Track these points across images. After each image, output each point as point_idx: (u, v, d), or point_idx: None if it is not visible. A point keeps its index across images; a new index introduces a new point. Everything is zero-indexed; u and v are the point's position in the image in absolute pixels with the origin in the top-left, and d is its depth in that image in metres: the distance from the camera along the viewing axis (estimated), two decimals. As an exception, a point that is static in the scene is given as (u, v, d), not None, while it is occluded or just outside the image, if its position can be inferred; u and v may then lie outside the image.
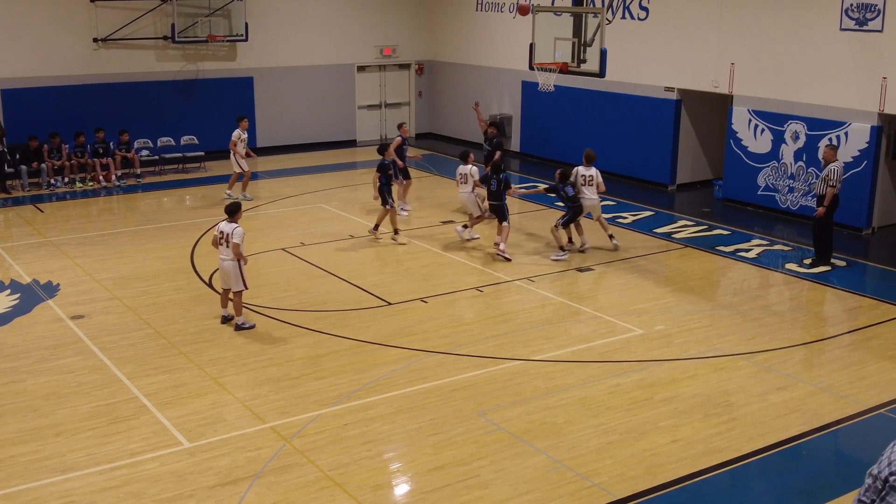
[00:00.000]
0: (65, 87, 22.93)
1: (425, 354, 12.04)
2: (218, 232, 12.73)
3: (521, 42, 21.49)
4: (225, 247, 12.61)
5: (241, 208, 13.03)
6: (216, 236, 12.78)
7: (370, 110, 28.13)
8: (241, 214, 13.04)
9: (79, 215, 19.63)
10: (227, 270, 12.65)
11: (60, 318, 13.25)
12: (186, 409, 10.43)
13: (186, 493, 8.70)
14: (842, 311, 14.02)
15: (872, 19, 17.12)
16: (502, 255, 16.02)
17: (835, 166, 15.64)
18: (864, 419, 10.41)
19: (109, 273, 15.29)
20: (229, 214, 12.74)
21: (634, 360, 11.90)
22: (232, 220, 12.67)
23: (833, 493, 8.81)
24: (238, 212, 12.83)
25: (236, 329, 12.72)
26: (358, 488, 8.81)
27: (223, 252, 12.66)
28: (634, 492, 8.78)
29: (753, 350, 12.24)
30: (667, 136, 21.56)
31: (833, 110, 18.05)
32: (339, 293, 14.42)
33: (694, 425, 10.13)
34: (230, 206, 12.86)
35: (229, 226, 12.60)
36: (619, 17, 22.07)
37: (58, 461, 9.29)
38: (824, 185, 15.70)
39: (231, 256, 12.54)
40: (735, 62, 19.78)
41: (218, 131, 24.97)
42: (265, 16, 25.36)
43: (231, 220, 12.67)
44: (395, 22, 27.72)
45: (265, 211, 19.33)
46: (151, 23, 23.84)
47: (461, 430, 9.97)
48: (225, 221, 12.71)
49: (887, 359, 12.02)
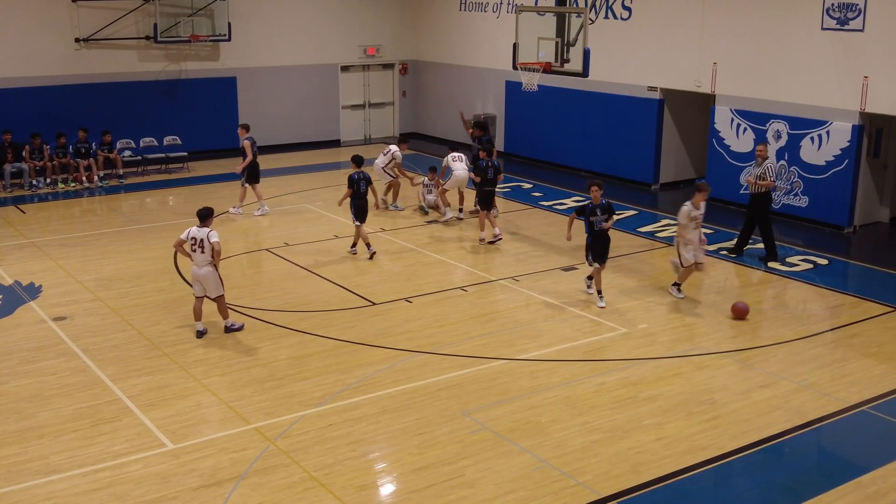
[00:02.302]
0: (47, 88, 22.79)
1: (410, 354, 12.04)
2: (190, 238, 12.34)
3: (504, 42, 21.52)
4: (200, 253, 12.24)
5: (213, 213, 12.62)
6: (182, 241, 12.39)
7: (354, 110, 28.10)
8: (213, 220, 12.64)
9: (61, 216, 19.52)
10: (206, 277, 12.28)
11: (43, 320, 13.17)
12: (170, 411, 10.39)
13: (171, 495, 8.67)
14: (824, 308, 14.11)
15: (853, 19, 17.23)
16: (498, 239, 16.90)
17: (769, 163, 16.06)
18: (847, 416, 10.48)
19: (92, 274, 15.21)
20: (201, 219, 12.37)
21: (618, 359, 11.93)
22: (203, 224, 12.33)
23: (816, 490, 8.86)
24: (211, 217, 12.48)
25: (226, 331, 12.63)
26: (343, 489, 8.80)
27: (198, 259, 12.28)
28: (619, 490, 8.81)
29: (736, 348, 12.30)
30: (650, 135, 21.63)
31: (815, 109, 18.16)
32: (323, 293, 14.39)
33: (678, 423, 10.17)
34: (202, 211, 12.45)
35: (202, 231, 12.23)
36: (602, 16, 22.12)
37: (41, 463, 9.24)
38: (761, 180, 16.00)
39: (208, 262, 12.21)
40: (717, 62, 19.87)
41: (201, 132, 24.96)
42: (248, 16, 25.29)
43: (203, 224, 12.33)
44: (378, 22, 27.71)
45: (248, 211, 19.26)
46: (134, 23, 23.73)
47: (446, 429, 9.98)
48: (196, 227, 12.35)
49: (869, 356, 12.11)
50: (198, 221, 12.43)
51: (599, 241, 13.72)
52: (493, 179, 17.05)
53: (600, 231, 13.65)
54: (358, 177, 15.93)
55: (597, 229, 13.63)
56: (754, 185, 16.01)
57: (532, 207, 19.86)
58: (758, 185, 15.95)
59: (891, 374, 11.53)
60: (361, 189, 15.95)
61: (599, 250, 13.73)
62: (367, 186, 16.13)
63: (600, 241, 13.72)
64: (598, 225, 13.62)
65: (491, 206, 17.07)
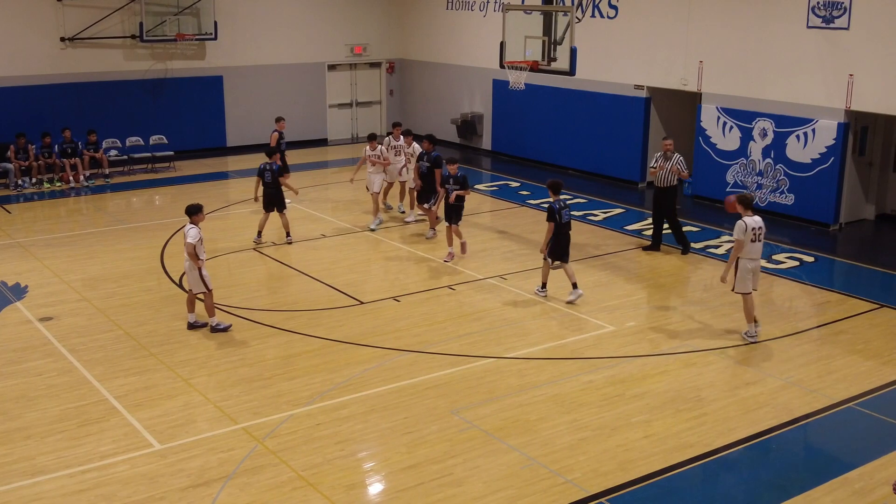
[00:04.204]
0: (32, 87, 22.66)
1: (398, 353, 12.03)
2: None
3: (491, 40, 21.51)
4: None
5: (201, 210, 12.68)
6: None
7: (341, 109, 28.05)
8: (203, 217, 12.74)
9: (47, 216, 19.43)
10: (186, 271, 12.54)
11: (29, 321, 13.10)
12: (157, 411, 10.36)
13: (158, 496, 8.64)
14: (810, 306, 14.17)
15: (839, 17, 17.31)
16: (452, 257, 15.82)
17: (679, 157, 16.25)
18: (833, 413, 10.53)
19: (78, 274, 15.14)
20: (188, 215, 12.51)
21: (606, 357, 11.96)
22: (191, 220, 12.44)
23: (803, 487, 8.90)
24: (197, 213, 12.54)
25: (211, 331, 12.62)
26: (331, 488, 8.79)
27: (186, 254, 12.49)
28: (607, 487, 8.83)
29: (723, 345, 12.34)
30: (636, 133, 21.68)
31: (800, 107, 18.23)
32: (311, 293, 14.37)
33: (665, 421, 10.20)
34: (189, 207, 12.58)
35: (185, 227, 12.42)
36: (588, 15, 22.13)
37: (27, 464, 9.20)
38: (672, 175, 16.14)
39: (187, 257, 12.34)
40: (703, 60, 19.93)
41: (187, 131, 24.88)
42: (234, 14, 25.21)
43: (191, 220, 12.45)
44: (365, 20, 27.67)
45: (236, 210, 19.22)
46: (119, 22, 23.62)
47: (434, 428, 9.98)
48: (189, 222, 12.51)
49: (855, 353, 12.17)
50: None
51: (560, 240, 13.71)
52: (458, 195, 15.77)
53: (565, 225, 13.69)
54: (264, 167, 16.51)
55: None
56: (656, 171, 16.18)
57: (519, 206, 19.88)
58: (672, 181, 16.15)
59: (877, 371, 11.59)
60: (266, 179, 16.48)
61: (560, 249, 13.75)
62: (272, 177, 16.54)
63: (560, 239, 13.71)
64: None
65: (459, 218, 15.88)
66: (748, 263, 12.11)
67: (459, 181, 15.68)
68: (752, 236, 12.01)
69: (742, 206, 12.19)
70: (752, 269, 12.13)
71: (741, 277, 12.15)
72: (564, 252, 13.84)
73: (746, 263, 12.11)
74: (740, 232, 11.99)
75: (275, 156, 17.02)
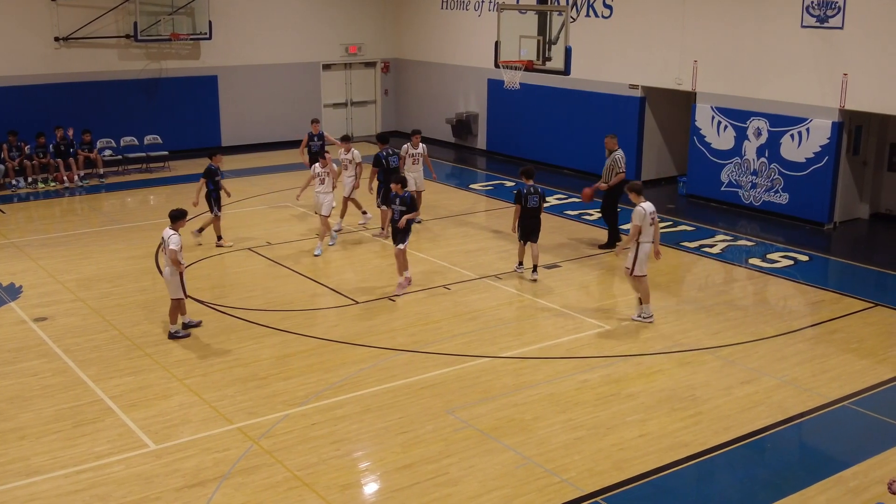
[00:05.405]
0: (26, 87, 22.62)
1: (393, 353, 12.03)
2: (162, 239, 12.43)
3: (486, 40, 21.52)
4: (163, 254, 12.32)
5: (185, 216, 12.60)
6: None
7: (336, 108, 28.04)
8: (185, 223, 12.63)
9: (41, 216, 19.39)
10: (166, 278, 12.34)
11: (23, 321, 13.08)
12: (152, 411, 10.35)
13: (153, 496, 8.63)
14: (805, 305, 14.20)
15: (833, 16, 17.34)
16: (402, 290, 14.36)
17: (618, 154, 16.40)
18: (828, 412, 10.55)
19: (73, 274, 15.12)
20: (171, 220, 12.41)
21: (601, 356, 11.97)
22: (173, 226, 12.32)
23: (798, 486, 8.92)
24: (180, 220, 12.44)
25: (169, 337, 12.46)
26: (326, 488, 8.79)
27: (164, 260, 12.37)
28: (602, 486, 8.84)
29: (718, 344, 12.36)
30: (631, 133, 21.69)
31: (795, 107, 18.26)
32: (306, 292, 14.36)
33: (660, 420, 10.21)
34: (172, 212, 12.49)
35: (167, 232, 12.25)
36: (583, 14, 22.17)
37: (22, 465, 9.18)
38: (612, 173, 16.31)
39: (168, 264, 12.21)
40: (698, 59, 19.95)
41: (182, 131, 24.84)
42: (229, 14, 25.19)
43: (172, 226, 12.32)
44: (360, 20, 27.66)
45: (231, 210, 19.19)
46: (113, 21, 23.58)
47: (430, 427, 9.98)
48: (168, 227, 12.36)
49: (850, 352, 12.19)
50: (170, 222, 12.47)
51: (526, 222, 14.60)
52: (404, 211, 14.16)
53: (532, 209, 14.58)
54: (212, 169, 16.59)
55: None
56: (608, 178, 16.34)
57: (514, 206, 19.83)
58: (611, 180, 16.27)
59: (871, 370, 11.62)
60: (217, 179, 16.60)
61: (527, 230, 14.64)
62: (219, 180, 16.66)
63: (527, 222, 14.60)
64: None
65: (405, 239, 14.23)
66: (646, 247, 12.89)
67: (406, 202, 14.02)
68: (648, 220, 12.84)
69: (634, 193, 13.10)
70: (647, 252, 12.94)
71: (641, 260, 12.89)
72: (531, 233, 14.67)
73: (645, 247, 12.87)
74: (639, 218, 12.79)
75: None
